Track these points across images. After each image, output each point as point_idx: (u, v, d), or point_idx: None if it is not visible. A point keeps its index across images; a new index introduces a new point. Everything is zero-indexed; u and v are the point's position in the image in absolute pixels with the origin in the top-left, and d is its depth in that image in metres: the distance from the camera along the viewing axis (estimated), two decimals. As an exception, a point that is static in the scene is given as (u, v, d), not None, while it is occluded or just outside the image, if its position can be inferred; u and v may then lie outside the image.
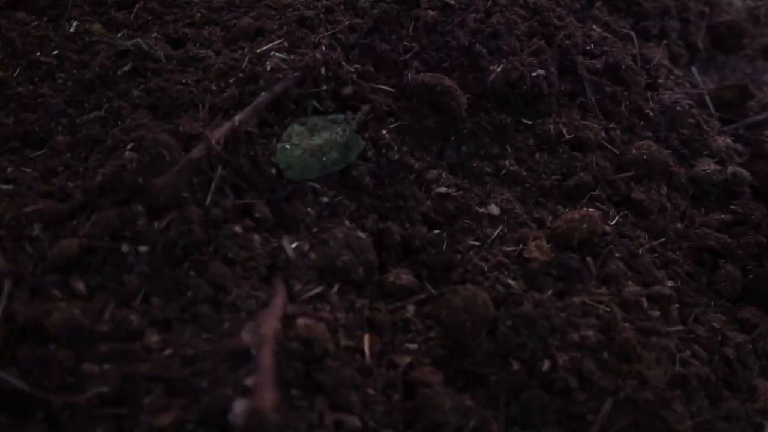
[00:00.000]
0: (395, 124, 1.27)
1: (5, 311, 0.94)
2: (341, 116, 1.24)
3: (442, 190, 1.20)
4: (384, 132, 1.24)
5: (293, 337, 0.93)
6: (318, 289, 1.01)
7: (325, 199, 1.15)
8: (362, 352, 1.00)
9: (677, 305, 1.16)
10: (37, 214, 1.06)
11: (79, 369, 0.91)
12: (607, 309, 1.08)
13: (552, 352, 1.03)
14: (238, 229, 1.06)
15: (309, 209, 1.13)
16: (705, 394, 1.09)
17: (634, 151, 1.38)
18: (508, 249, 1.14)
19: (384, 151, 1.23)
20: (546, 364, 1.01)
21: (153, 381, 0.91)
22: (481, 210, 1.19)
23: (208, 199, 1.07)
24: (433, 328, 1.08)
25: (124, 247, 1.03)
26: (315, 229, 1.11)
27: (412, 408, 0.98)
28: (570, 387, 1.01)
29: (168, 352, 0.94)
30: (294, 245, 1.07)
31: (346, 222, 1.13)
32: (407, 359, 1.02)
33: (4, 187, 1.12)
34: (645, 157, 1.36)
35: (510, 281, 1.09)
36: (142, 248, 1.03)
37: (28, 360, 0.92)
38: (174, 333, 0.97)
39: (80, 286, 1.00)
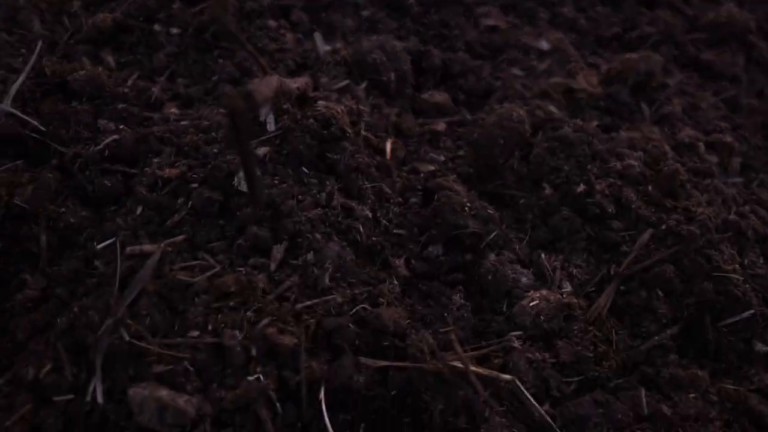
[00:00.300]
0: (448, -43, 1.17)
1: (34, 66, 0.92)
2: (391, -59, 1.15)
3: (491, 22, 1.09)
4: (435, -39, 1.15)
5: (311, 115, 0.85)
6: (345, 82, 0.93)
7: (365, 13, 1.07)
8: (383, 152, 0.92)
9: (740, 160, 1.01)
10: (78, -6, 1.04)
11: (96, 124, 0.88)
12: (657, 144, 0.95)
13: (589, 178, 0.91)
14: (272, 23, 1.00)
15: (348, 20, 1.05)
16: (762, 252, 0.95)
17: (711, 14, 1.22)
18: (555, 81, 1.02)
19: (433, -21, 1.14)
20: (581, 187, 0.90)
21: (164, 143, 0.86)
22: (531, 43, 1.07)
23: (245, -7, 1.02)
24: (463, 148, 0.98)
25: (157, 27, 0.99)
26: (351, 39, 1.03)
27: (429, 213, 0.89)
28: (606, 213, 0.89)
29: (185, 123, 0.89)
30: (327, 47, 0.99)
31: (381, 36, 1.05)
32: (431, 168, 0.93)
33: (53, -26, 1.10)
34: (723, 20, 1.19)
35: (552, 108, 0.98)
36: (174, 30, 0.98)
37: (49, 112, 0.89)
38: (194, 109, 0.92)
39: (110, 59, 0.97)
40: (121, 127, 0.87)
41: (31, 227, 0.83)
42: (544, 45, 1.07)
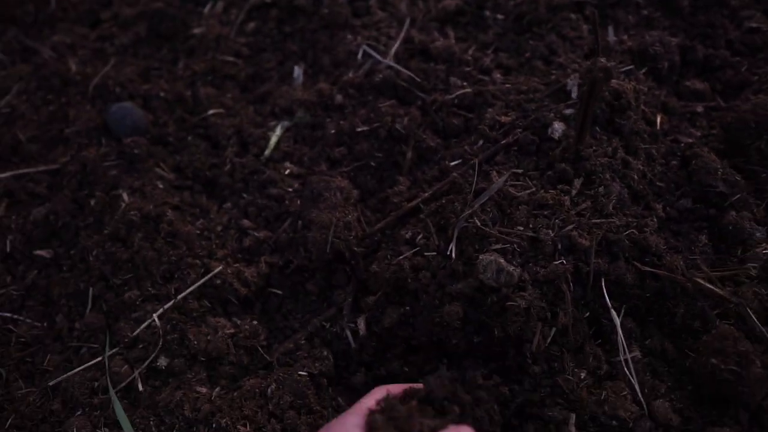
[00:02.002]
0: (721, -35, 1.38)
1: (404, 37, 1.31)
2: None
3: (753, 24, 1.30)
4: (709, -31, 1.36)
5: (606, 89, 1.15)
6: (629, 67, 1.21)
7: (644, 12, 1.32)
8: (653, 123, 1.19)
9: None
10: (428, -17, 1.42)
11: (448, 80, 1.26)
12: None
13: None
14: (572, 16, 1.30)
15: (629, 17, 1.32)
16: None
17: None
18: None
19: (705, -15, 1.36)
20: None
21: (495, 98, 1.22)
22: (790, 46, 1.27)
23: (554, -10, 1.33)
24: (716, 129, 1.22)
25: (486, 13, 1.34)
26: (632, 32, 1.30)
27: (686, 174, 1.16)
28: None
29: (507, 85, 1.24)
30: (615, 37, 1.28)
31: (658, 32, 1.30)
32: (689, 140, 1.19)
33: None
34: None
35: (805, 102, 1.18)
36: (499, 16, 1.32)
37: (414, 69, 1.28)
38: (513, 76, 1.26)
39: (451, 33, 1.34)
40: (465, 83, 1.24)
41: (401, 146, 1.23)
42: (801, 48, 1.26)
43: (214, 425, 0.99)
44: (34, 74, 1.39)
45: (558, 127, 1.13)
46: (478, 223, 1.06)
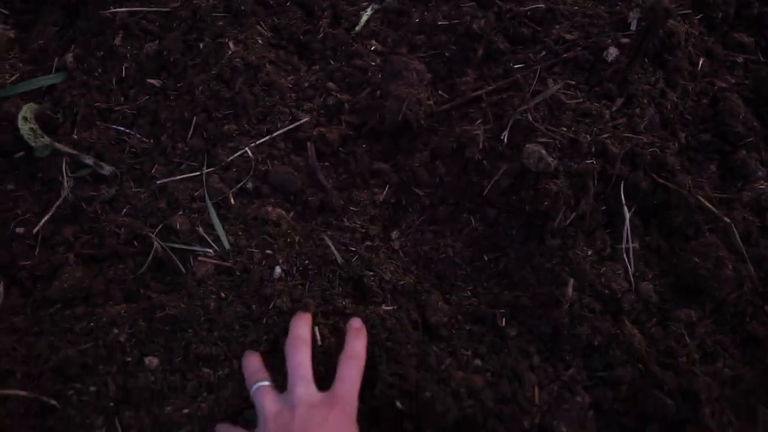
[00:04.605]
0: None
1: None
2: None
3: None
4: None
5: (661, 27, 1.42)
6: (687, 11, 1.47)
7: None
8: (696, 65, 1.47)
9: None
10: None
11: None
12: None
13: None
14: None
15: None
16: None
17: None
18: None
19: None
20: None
21: (564, 17, 1.48)
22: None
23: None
24: (749, 80, 1.50)
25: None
26: None
27: (712, 113, 1.44)
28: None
29: (576, 8, 1.49)
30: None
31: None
32: (723, 85, 1.47)
33: None
34: None
35: None
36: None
37: None
38: (582, 0, 1.53)
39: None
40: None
41: (474, 44, 1.50)
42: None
43: (288, 240, 1.33)
44: None
45: (613, 51, 1.41)
46: (530, 118, 1.36)
